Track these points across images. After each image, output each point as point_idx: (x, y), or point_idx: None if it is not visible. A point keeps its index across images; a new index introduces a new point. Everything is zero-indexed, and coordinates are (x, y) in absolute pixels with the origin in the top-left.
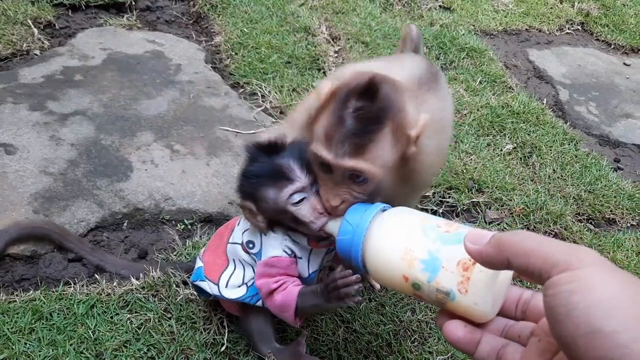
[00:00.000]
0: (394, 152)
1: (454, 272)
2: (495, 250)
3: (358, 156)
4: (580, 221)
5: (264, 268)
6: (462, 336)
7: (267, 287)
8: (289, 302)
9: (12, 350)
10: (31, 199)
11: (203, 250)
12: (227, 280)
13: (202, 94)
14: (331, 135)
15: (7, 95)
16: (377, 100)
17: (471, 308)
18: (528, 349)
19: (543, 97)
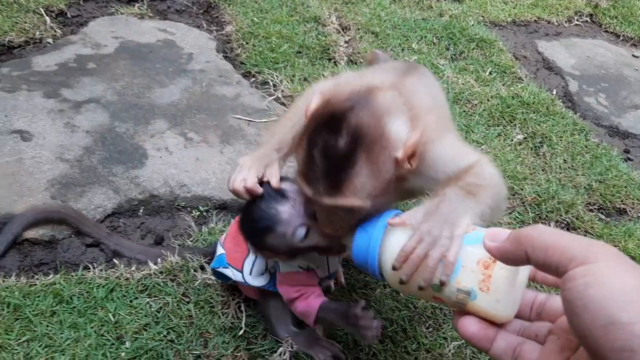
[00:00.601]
0: (378, 181)
1: (475, 270)
2: (514, 246)
3: (335, 194)
4: (591, 211)
5: (284, 277)
6: (476, 331)
7: (288, 295)
8: (309, 313)
9: (34, 333)
10: (48, 185)
11: (224, 237)
12: (250, 267)
13: (214, 83)
14: (306, 172)
15: (21, 82)
16: (343, 135)
17: (492, 307)
18: (547, 347)
19: (552, 88)
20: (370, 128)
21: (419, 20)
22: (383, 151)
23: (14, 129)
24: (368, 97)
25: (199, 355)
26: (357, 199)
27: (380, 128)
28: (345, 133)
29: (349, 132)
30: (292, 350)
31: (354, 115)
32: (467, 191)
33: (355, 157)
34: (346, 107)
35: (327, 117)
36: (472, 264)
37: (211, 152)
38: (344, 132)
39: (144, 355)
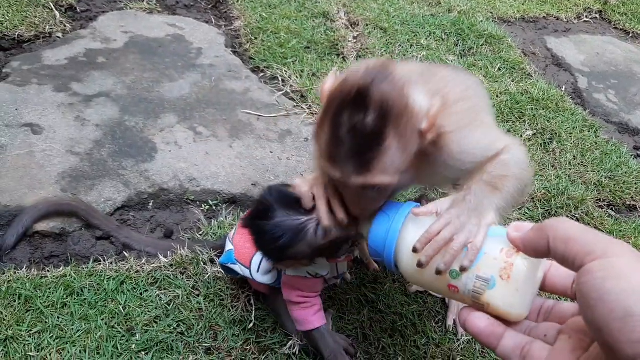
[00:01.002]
0: (406, 154)
1: (497, 258)
2: (537, 235)
3: (365, 173)
4: (601, 207)
5: (288, 280)
6: (485, 327)
7: (289, 298)
8: (305, 324)
9: (45, 324)
10: (59, 177)
11: (233, 233)
12: (258, 264)
13: (224, 78)
14: (332, 154)
15: (32, 76)
16: (370, 111)
17: (508, 299)
18: (558, 346)
19: (562, 85)
20: (395, 100)
21: (427, 16)
22: (410, 123)
23: (25, 123)
24: (385, 71)
25: (209, 347)
26: (386, 176)
27: (404, 99)
28: (372, 108)
29: (376, 106)
30: (302, 344)
31: (376, 89)
32: (492, 185)
33: (384, 133)
34: (367, 81)
35: (350, 95)
36: (494, 252)
37: (220, 147)
38: (371, 107)
39: (154, 347)
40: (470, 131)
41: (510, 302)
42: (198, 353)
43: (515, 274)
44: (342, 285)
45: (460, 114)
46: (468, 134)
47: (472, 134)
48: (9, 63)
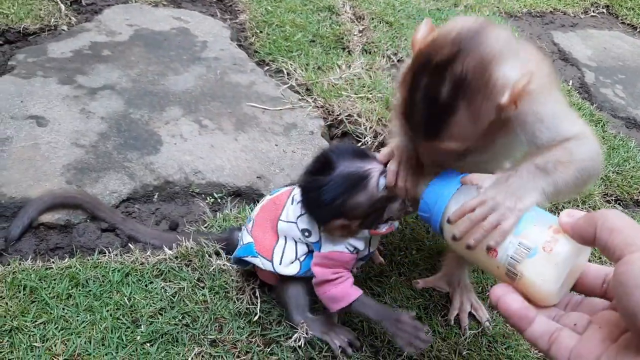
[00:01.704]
0: (477, 125)
1: (544, 232)
2: (586, 222)
3: (433, 138)
4: (609, 202)
5: (323, 259)
6: (517, 309)
7: (324, 276)
8: (344, 299)
9: (50, 315)
10: (64, 170)
11: (251, 225)
12: (280, 256)
13: (229, 71)
14: (407, 113)
15: (37, 68)
16: (446, 83)
17: (545, 271)
18: (587, 336)
19: (569, 80)
20: (475, 77)
21: (433, 10)
22: (486, 99)
23: (30, 115)
24: (478, 39)
25: (214, 339)
26: (454, 143)
27: (486, 76)
28: (448, 81)
29: (452, 80)
30: (307, 337)
31: (459, 63)
32: (542, 169)
33: (456, 106)
34: (452, 52)
35: (433, 61)
36: (543, 226)
37: (226, 140)
38: (447, 80)
39: (159, 339)
40: (548, 101)
41: (545, 276)
42: (203, 345)
43: (558, 248)
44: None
45: (541, 84)
46: (545, 103)
47: (550, 104)
48: (14, 55)
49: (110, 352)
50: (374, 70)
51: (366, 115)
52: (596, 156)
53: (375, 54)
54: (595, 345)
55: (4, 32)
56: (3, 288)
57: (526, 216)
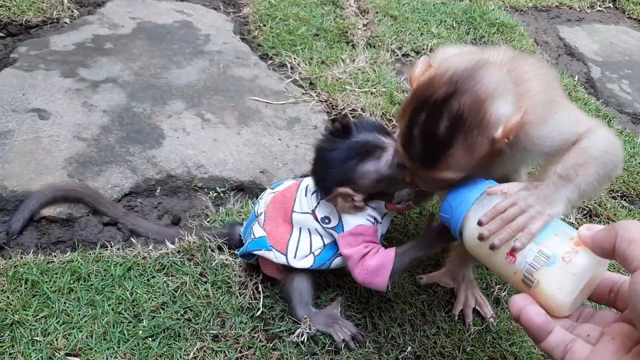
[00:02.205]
0: (472, 157)
1: (565, 242)
2: (607, 233)
3: (430, 168)
4: (615, 198)
5: (349, 238)
6: (541, 323)
7: (359, 253)
8: (385, 264)
9: (52, 309)
10: (65, 163)
11: (263, 219)
12: (295, 249)
13: (232, 64)
14: (405, 144)
15: (39, 61)
16: (443, 120)
17: (562, 281)
18: (600, 347)
19: (575, 74)
20: (470, 114)
21: (438, 4)
22: (481, 134)
23: (32, 108)
24: (474, 77)
25: (216, 334)
26: (450, 173)
27: (481, 113)
28: (446, 118)
29: (450, 117)
30: (310, 332)
31: (456, 101)
32: (564, 177)
33: (452, 140)
34: (450, 91)
35: (431, 99)
36: (565, 237)
37: (228, 134)
38: (445, 117)
39: (161, 334)
40: (549, 118)
41: (562, 286)
42: (205, 340)
43: (577, 260)
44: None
45: (539, 106)
46: (547, 122)
47: (551, 121)
48: (16, 48)
49: (112, 347)
50: (378, 65)
51: (370, 109)
52: (612, 147)
53: (380, 48)
54: (609, 356)
55: (6, 25)
56: (4, 282)
57: (549, 226)
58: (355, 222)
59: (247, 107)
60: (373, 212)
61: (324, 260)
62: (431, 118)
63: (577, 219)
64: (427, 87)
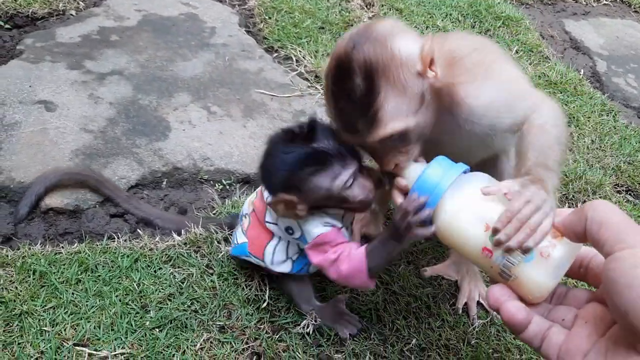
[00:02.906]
0: (408, 98)
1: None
2: (576, 216)
3: (375, 129)
4: (619, 192)
5: (315, 248)
6: (522, 319)
7: (327, 260)
8: (357, 267)
9: (60, 300)
10: (72, 155)
11: (247, 224)
12: (271, 255)
13: (237, 57)
14: (342, 123)
15: (45, 53)
16: (356, 75)
17: (540, 276)
18: (575, 331)
19: (580, 68)
20: (378, 55)
21: None
22: (401, 69)
23: (39, 100)
24: (366, 31)
25: (222, 326)
26: (397, 122)
27: (388, 50)
28: (357, 72)
29: (360, 68)
30: (316, 324)
31: (358, 53)
32: (544, 166)
33: (376, 87)
34: (348, 48)
35: (337, 65)
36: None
37: (234, 126)
38: (356, 70)
39: (168, 325)
40: (487, 82)
41: (539, 281)
42: (212, 331)
43: (555, 253)
44: None
45: (471, 65)
46: (484, 85)
47: (489, 86)
48: (22, 40)
49: (119, 337)
50: None
51: None
52: (561, 118)
53: None
54: (583, 341)
55: (12, 17)
56: (13, 272)
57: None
58: (315, 232)
59: (252, 99)
60: (330, 219)
61: (301, 264)
62: (346, 81)
63: None
64: (329, 64)
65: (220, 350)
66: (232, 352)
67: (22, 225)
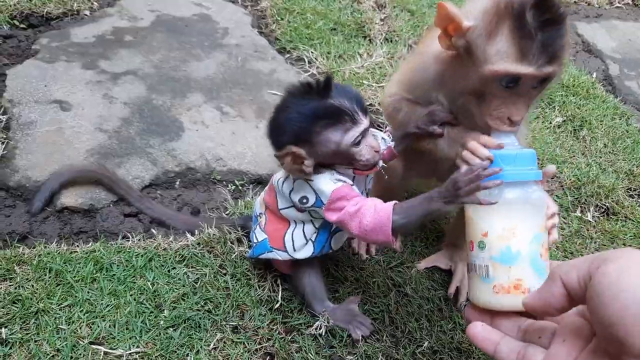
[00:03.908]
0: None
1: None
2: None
3: (554, 61)
4: (632, 196)
5: (332, 206)
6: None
7: (348, 213)
8: (383, 221)
9: (75, 298)
10: (87, 154)
11: (264, 222)
12: (291, 242)
13: (250, 58)
14: (525, 49)
15: (60, 53)
16: (557, 8)
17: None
18: (552, 351)
19: (592, 71)
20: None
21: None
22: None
23: (54, 99)
24: None
25: (235, 326)
26: (561, 66)
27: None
28: (557, 6)
29: (558, 5)
30: (328, 325)
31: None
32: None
33: (564, 23)
34: None
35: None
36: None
37: (247, 127)
38: (555, 6)
39: (182, 324)
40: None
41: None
42: (225, 331)
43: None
44: (368, 268)
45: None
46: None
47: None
48: (38, 40)
49: (134, 336)
50: (395, 60)
51: None
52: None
53: (397, 43)
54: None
55: (27, 17)
56: (29, 270)
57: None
58: (328, 189)
59: (265, 100)
60: (340, 176)
61: (322, 243)
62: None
63: (594, 216)
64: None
65: (234, 350)
66: (245, 352)
67: (37, 224)
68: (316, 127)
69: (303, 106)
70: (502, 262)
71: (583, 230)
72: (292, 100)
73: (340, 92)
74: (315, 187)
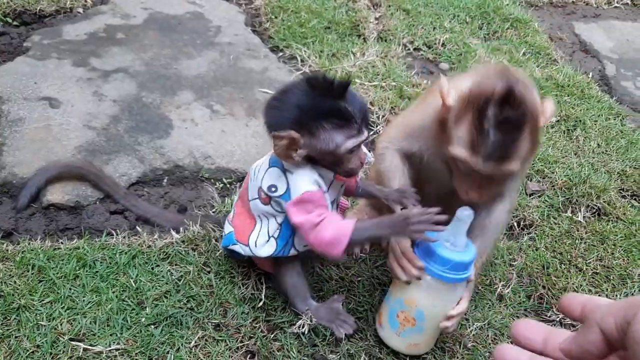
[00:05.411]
0: (532, 145)
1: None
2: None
3: (505, 162)
4: (624, 197)
5: (298, 205)
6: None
7: (310, 222)
8: (340, 238)
9: (57, 295)
10: (75, 151)
11: (232, 215)
12: (255, 238)
13: (242, 56)
14: (476, 144)
15: (51, 50)
16: (518, 108)
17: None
18: None
19: (589, 71)
20: (530, 100)
21: None
22: (537, 120)
23: (43, 96)
24: (512, 74)
25: (217, 324)
26: (517, 164)
27: (534, 99)
28: (517, 105)
29: (520, 104)
30: (311, 324)
31: (518, 90)
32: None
33: (524, 127)
34: (510, 83)
35: (497, 94)
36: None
37: (237, 125)
38: (516, 105)
39: (163, 322)
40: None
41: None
42: (207, 329)
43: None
44: (354, 267)
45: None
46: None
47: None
48: (29, 37)
49: (115, 333)
50: (388, 59)
51: (379, 103)
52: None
53: (391, 42)
54: None
55: (20, 14)
56: (12, 267)
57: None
58: (303, 187)
59: (256, 99)
60: (319, 178)
61: (285, 240)
62: (504, 109)
63: (585, 217)
64: (482, 90)
65: (215, 348)
66: (226, 350)
67: (23, 221)
68: (326, 123)
69: (320, 100)
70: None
71: (573, 231)
72: (309, 90)
73: (353, 99)
74: (291, 180)
